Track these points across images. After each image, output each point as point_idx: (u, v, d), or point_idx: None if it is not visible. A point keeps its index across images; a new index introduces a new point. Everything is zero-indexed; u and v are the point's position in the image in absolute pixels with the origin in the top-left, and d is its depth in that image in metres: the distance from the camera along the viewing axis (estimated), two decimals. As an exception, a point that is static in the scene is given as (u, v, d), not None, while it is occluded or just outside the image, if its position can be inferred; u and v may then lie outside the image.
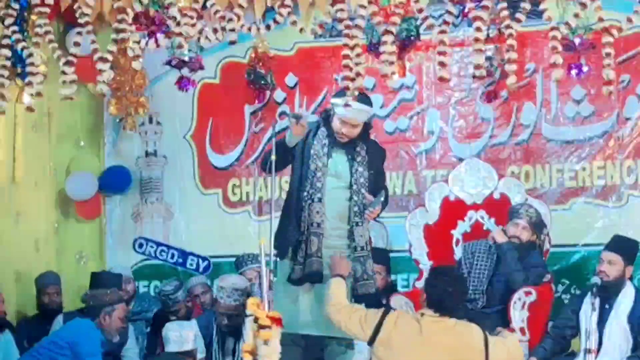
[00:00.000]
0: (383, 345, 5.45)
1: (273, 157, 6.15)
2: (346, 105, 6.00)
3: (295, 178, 6.16)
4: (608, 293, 6.61)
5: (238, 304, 6.70)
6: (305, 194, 6.06)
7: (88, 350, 6.47)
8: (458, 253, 7.42)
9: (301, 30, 6.87)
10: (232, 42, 6.88)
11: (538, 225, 7.13)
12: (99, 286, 7.22)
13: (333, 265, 5.89)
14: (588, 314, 6.52)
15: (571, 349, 6.85)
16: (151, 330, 7.91)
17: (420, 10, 6.49)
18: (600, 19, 6.35)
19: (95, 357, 6.54)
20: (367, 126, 6.23)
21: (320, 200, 6.01)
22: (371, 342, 5.50)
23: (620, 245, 6.72)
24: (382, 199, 6.00)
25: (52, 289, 7.80)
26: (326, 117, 6.28)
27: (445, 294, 5.46)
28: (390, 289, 7.58)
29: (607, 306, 6.59)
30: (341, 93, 6.20)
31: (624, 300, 6.61)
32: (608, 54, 6.36)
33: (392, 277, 8.09)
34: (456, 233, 7.55)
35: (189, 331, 6.31)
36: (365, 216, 6.05)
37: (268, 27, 6.84)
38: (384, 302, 7.38)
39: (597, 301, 6.47)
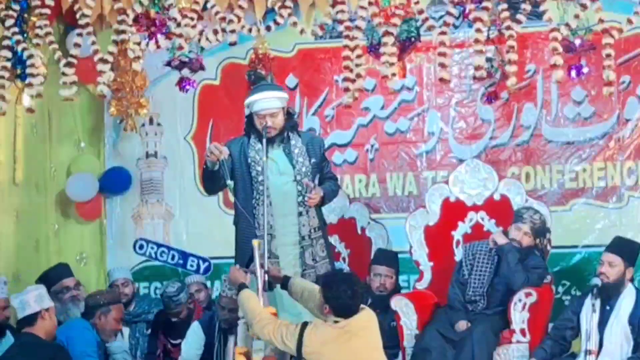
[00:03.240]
0: (313, 356, 5.47)
1: (264, 158, 6.17)
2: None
3: (239, 189, 6.24)
4: (608, 294, 6.60)
5: None
6: (253, 201, 6.18)
7: (82, 350, 6.45)
8: (458, 254, 7.42)
9: (301, 31, 6.89)
10: (233, 43, 6.89)
11: (541, 231, 7.11)
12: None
13: (231, 278, 6.03)
14: (589, 315, 6.51)
15: (572, 350, 6.84)
16: (152, 331, 7.90)
17: (421, 12, 6.50)
18: (601, 20, 6.36)
19: (90, 357, 6.53)
20: (290, 115, 6.29)
21: (264, 203, 6.08)
22: (299, 355, 5.51)
23: (620, 246, 6.72)
24: (317, 183, 6.18)
25: (71, 282, 7.76)
26: (249, 124, 6.31)
27: (347, 298, 5.47)
28: (397, 290, 7.59)
29: (607, 307, 6.59)
30: (253, 91, 6.26)
31: (625, 302, 6.60)
32: (608, 55, 6.38)
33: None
34: (456, 234, 7.53)
35: (28, 295, 6.18)
36: (306, 203, 6.15)
37: (268, 28, 6.85)
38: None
39: (597, 302, 6.47)
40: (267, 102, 6.17)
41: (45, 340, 6.05)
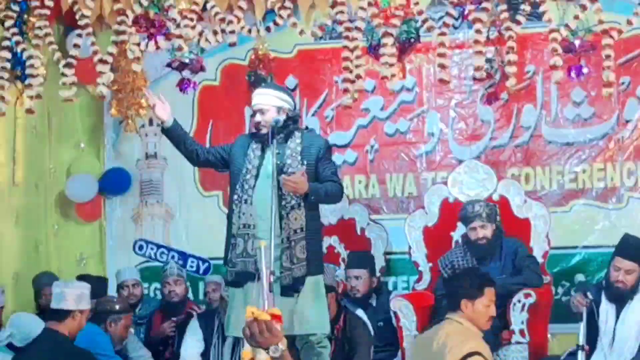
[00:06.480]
0: None
1: (273, 160, 6.12)
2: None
3: (233, 184, 6.07)
4: (624, 298, 6.53)
5: None
6: (235, 196, 5.98)
7: (103, 355, 6.44)
8: (458, 255, 7.41)
9: (301, 32, 6.88)
10: (232, 44, 6.89)
11: (493, 214, 7.07)
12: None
13: None
14: (604, 317, 6.48)
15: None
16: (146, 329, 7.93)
17: (420, 12, 6.49)
18: (600, 21, 6.35)
19: (114, 358, 6.55)
20: (290, 119, 6.01)
21: (246, 201, 5.90)
22: None
23: (635, 251, 6.56)
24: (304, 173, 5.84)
25: (49, 290, 7.75)
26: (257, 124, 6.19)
27: None
28: (378, 290, 7.60)
29: (622, 308, 6.56)
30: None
31: (636, 298, 6.55)
32: (608, 56, 6.37)
33: (393, 279, 8.13)
34: (455, 235, 7.53)
35: (71, 290, 6.10)
36: (281, 185, 5.81)
37: (268, 29, 6.84)
38: (373, 304, 7.41)
39: (613, 307, 6.44)
40: (258, 97, 6.06)
41: (77, 347, 5.96)
